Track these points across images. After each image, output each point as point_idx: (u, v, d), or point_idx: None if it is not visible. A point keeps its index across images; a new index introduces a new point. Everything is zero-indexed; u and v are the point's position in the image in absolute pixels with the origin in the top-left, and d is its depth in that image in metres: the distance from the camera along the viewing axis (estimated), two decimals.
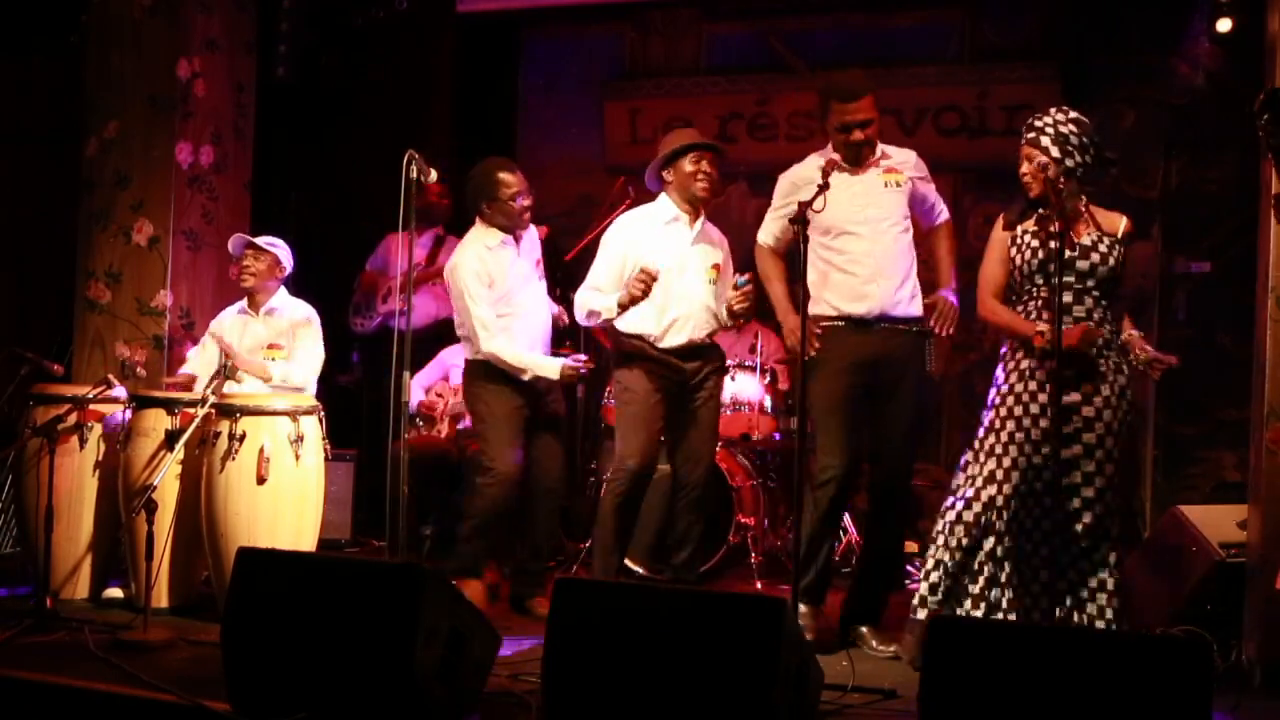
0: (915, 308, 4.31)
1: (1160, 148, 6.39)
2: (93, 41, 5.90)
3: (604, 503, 4.66)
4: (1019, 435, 3.91)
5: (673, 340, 4.57)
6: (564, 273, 5.76)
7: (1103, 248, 3.91)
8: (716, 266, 4.64)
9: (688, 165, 4.56)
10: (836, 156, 4.30)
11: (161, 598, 4.56)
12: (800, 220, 3.86)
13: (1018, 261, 3.99)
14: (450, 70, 7.34)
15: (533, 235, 5.03)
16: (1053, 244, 3.79)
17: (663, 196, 4.68)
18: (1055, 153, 3.89)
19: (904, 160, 4.42)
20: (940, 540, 3.99)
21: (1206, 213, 6.29)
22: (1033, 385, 3.92)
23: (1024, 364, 3.96)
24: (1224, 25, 6.07)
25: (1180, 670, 2.70)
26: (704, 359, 4.63)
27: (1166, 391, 6.24)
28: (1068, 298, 3.87)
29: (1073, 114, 3.95)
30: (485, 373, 4.82)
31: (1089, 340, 3.85)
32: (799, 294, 3.99)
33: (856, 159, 4.30)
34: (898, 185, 4.34)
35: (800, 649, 3.09)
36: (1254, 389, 4.04)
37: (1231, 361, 5.47)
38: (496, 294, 4.78)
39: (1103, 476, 3.87)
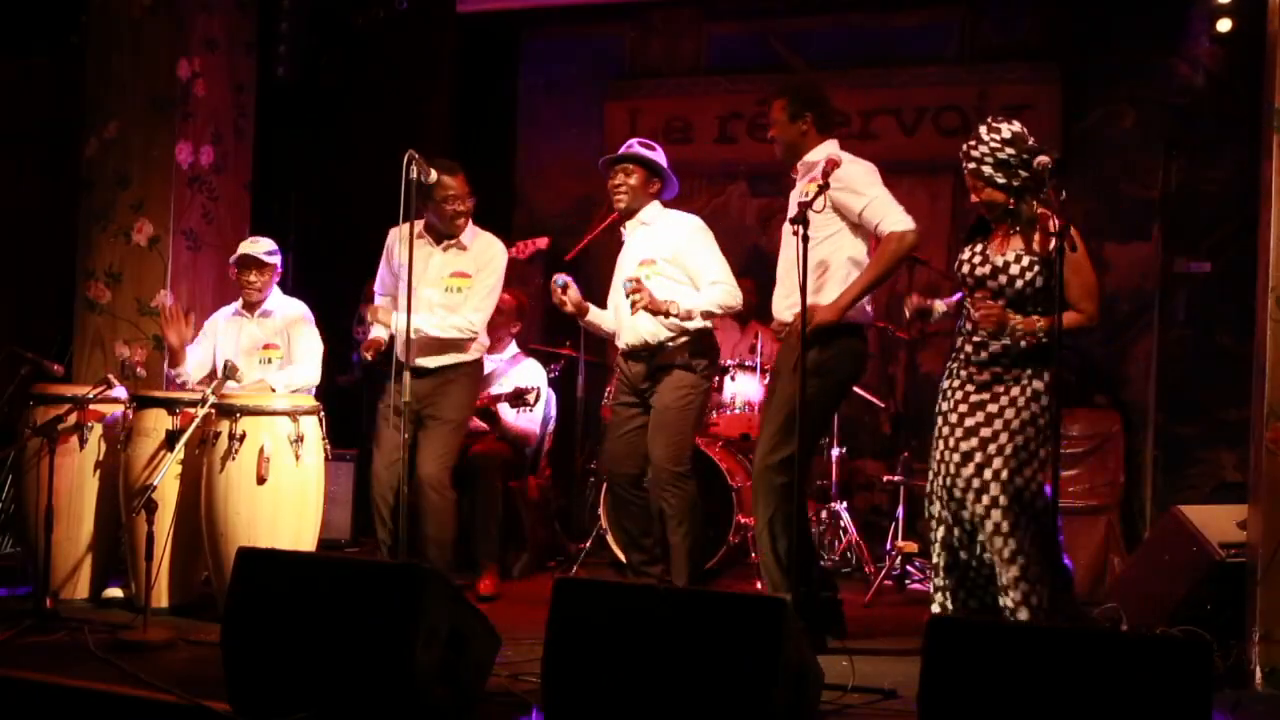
0: (787, 317, 4.29)
1: (1160, 148, 6.39)
2: (93, 41, 5.91)
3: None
4: (945, 430, 3.99)
5: (622, 343, 4.77)
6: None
7: (1015, 269, 3.88)
8: (646, 261, 4.64)
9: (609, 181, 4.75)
10: (838, 158, 4.24)
11: (161, 598, 4.56)
12: (801, 220, 3.87)
13: (959, 278, 4.07)
14: (450, 70, 7.34)
15: (480, 249, 4.93)
16: (1052, 243, 3.79)
17: None
18: (1000, 180, 3.88)
19: (816, 164, 4.24)
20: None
21: (1206, 213, 6.29)
22: (944, 383, 4.06)
23: (956, 369, 4.05)
24: (1224, 25, 6.07)
25: (1180, 670, 2.70)
26: (647, 362, 4.67)
27: (1166, 391, 6.25)
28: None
29: (1005, 130, 3.88)
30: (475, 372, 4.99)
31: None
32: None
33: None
34: (807, 192, 4.20)
35: (800, 649, 3.09)
36: (1254, 389, 4.04)
37: (1231, 361, 5.47)
38: (390, 269, 4.90)
39: (991, 469, 3.85)
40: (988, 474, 3.85)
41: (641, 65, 7.58)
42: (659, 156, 4.72)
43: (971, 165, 3.92)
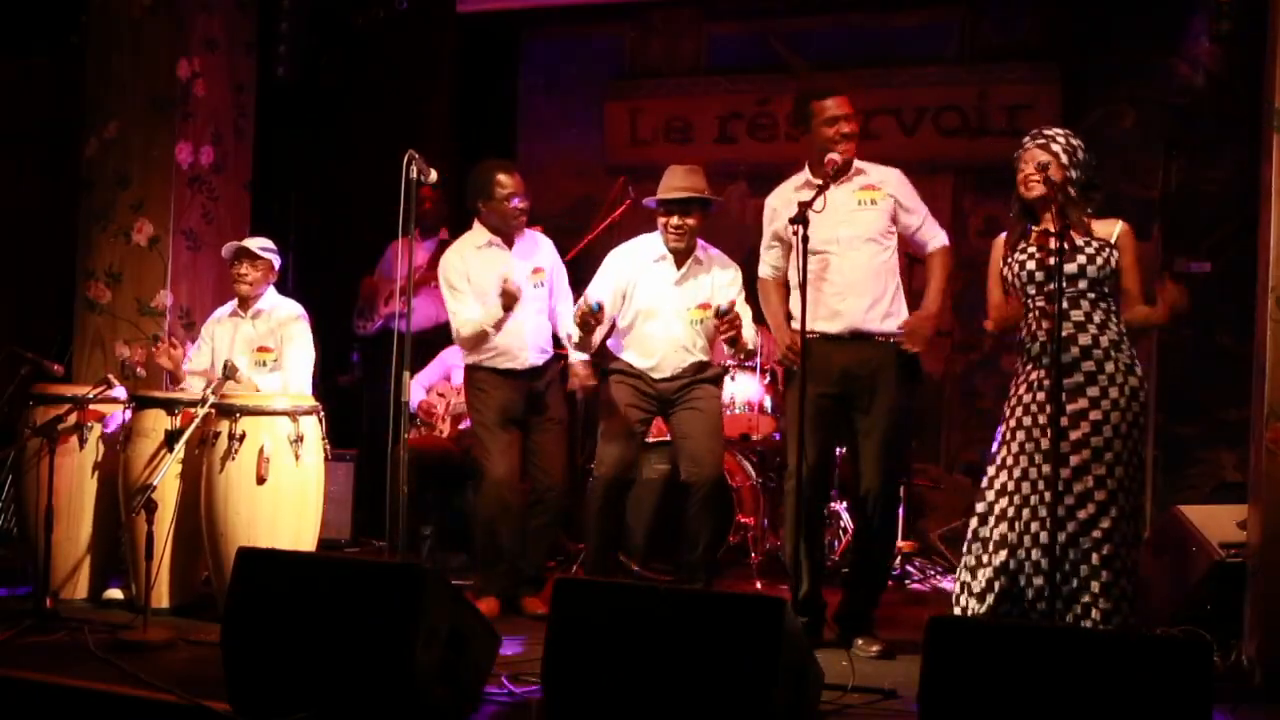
0: (890, 325, 4.31)
1: (1160, 148, 6.38)
2: (93, 41, 5.90)
3: (587, 509, 4.77)
4: (1029, 445, 3.87)
5: (652, 373, 4.71)
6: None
7: (1090, 249, 3.89)
8: (703, 306, 4.66)
9: (661, 218, 4.67)
10: (838, 158, 4.26)
11: (161, 598, 4.56)
12: (801, 220, 3.88)
13: (1009, 278, 4.02)
14: (450, 70, 7.34)
15: (537, 242, 5.03)
16: (1052, 243, 3.78)
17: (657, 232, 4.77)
18: (1064, 159, 3.89)
19: (883, 179, 4.39)
20: (964, 559, 3.99)
21: (1206, 213, 6.28)
22: (1040, 395, 3.88)
23: (1033, 375, 3.94)
24: (1224, 25, 6.07)
25: (1180, 670, 2.70)
26: (685, 377, 4.69)
27: (1166, 391, 6.24)
28: (1063, 304, 3.85)
29: (1076, 138, 3.96)
30: (474, 379, 4.90)
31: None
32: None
33: (838, 168, 4.28)
34: (873, 202, 4.32)
35: (800, 649, 3.09)
36: (1254, 389, 4.04)
37: (1231, 361, 5.46)
38: (478, 294, 4.81)
39: (1114, 479, 3.79)
40: (1111, 484, 3.78)
41: (641, 65, 7.58)
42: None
43: (1041, 140, 3.92)
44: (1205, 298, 6.25)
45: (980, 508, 3.95)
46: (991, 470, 3.96)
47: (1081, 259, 3.86)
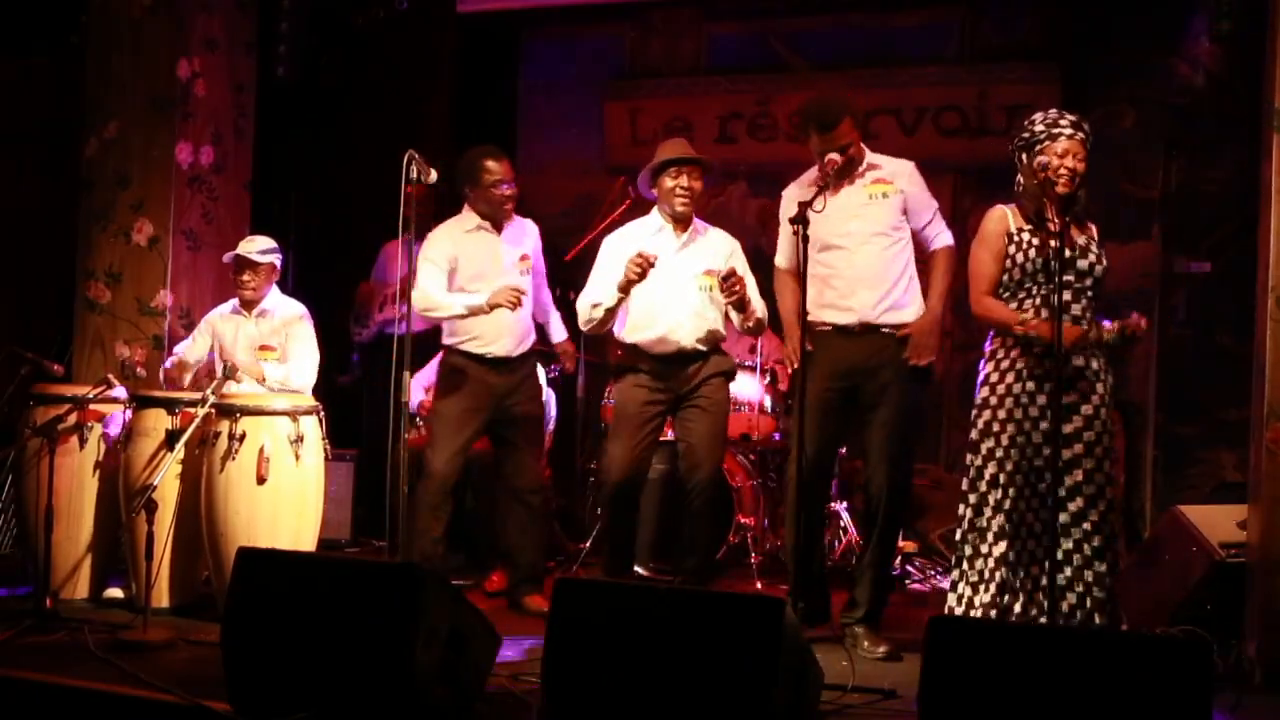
0: (906, 315, 4.31)
1: (1160, 148, 6.40)
2: (93, 41, 5.90)
3: (602, 515, 4.73)
4: (1020, 439, 3.89)
5: (663, 348, 4.59)
6: (564, 273, 5.77)
7: (1094, 249, 3.93)
8: (710, 272, 4.59)
9: (667, 181, 4.60)
10: (838, 158, 4.29)
11: (162, 598, 4.56)
12: (801, 220, 3.89)
13: (1019, 259, 3.94)
14: (450, 70, 7.34)
15: (525, 229, 5.05)
16: (1053, 243, 3.79)
17: (655, 208, 4.74)
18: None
19: (896, 171, 4.41)
20: (958, 549, 4.01)
21: (1206, 213, 6.29)
22: (1030, 385, 3.89)
23: (1019, 364, 3.93)
24: (1224, 25, 6.07)
25: (1180, 670, 2.70)
26: (698, 366, 4.61)
27: (1166, 391, 6.25)
28: (1067, 296, 3.86)
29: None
30: (447, 364, 4.91)
31: (1079, 345, 3.85)
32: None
33: (838, 168, 4.30)
34: (884, 196, 4.34)
35: (800, 649, 3.09)
36: (1254, 389, 4.04)
37: (1231, 361, 5.47)
38: (465, 277, 4.82)
39: (1102, 473, 3.87)
40: (1099, 478, 3.84)
41: (641, 65, 7.58)
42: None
43: (1082, 135, 3.90)
44: (1205, 298, 6.28)
45: (972, 498, 3.97)
46: (978, 460, 3.96)
47: (1091, 258, 3.89)
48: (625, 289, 4.46)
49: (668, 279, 4.56)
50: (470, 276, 4.82)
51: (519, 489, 4.92)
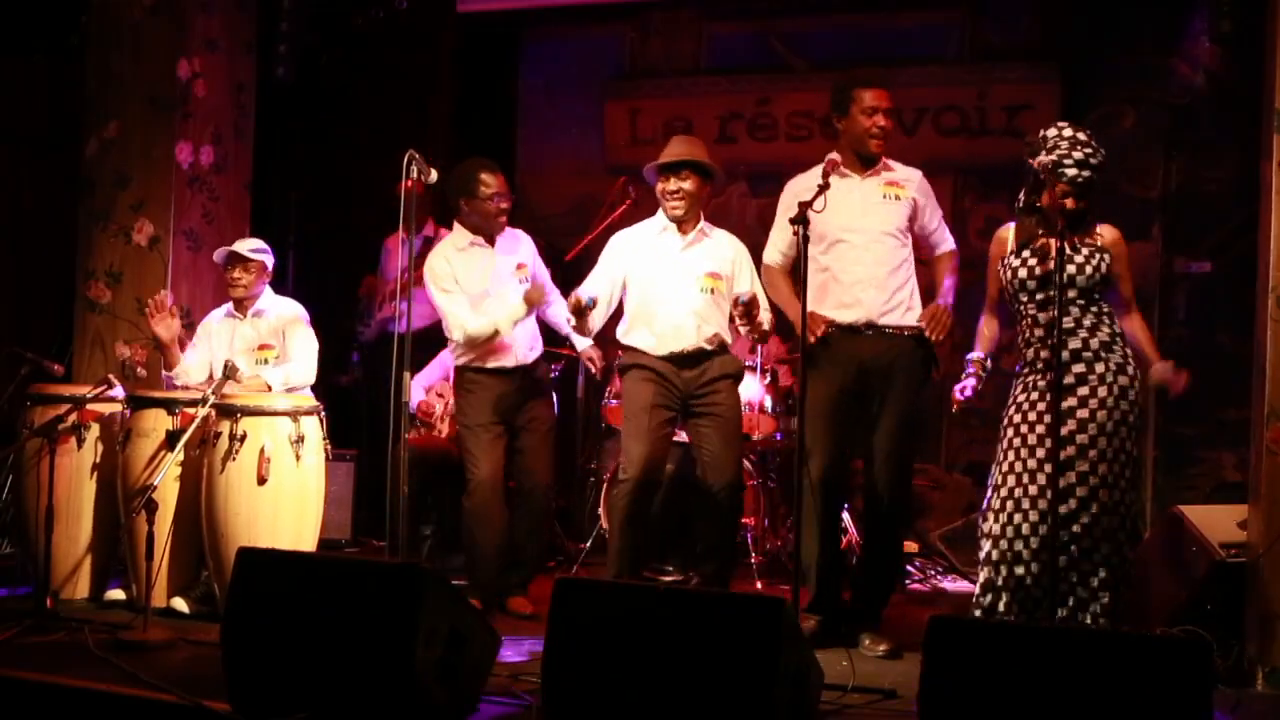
0: (909, 318, 4.31)
1: (1160, 148, 6.40)
2: (93, 42, 5.90)
3: (613, 515, 4.64)
4: (1016, 440, 3.95)
5: (665, 349, 4.54)
6: (563, 274, 5.76)
7: (1080, 257, 3.92)
8: (713, 274, 4.57)
9: (660, 185, 4.58)
10: (838, 158, 4.31)
11: (162, 598, 4.56)
12: (801, 220, 3.88)
13: (1004, 283, 4.06)
14: (450, 70, 7.35)
15: (517, 238, 5.04)
16: (1054, 244, 3.81)
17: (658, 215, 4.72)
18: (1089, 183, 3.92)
19: (908, 177, 4.42)
20: (981, 557, 4.03)
21: (1206, 213, 6.29)
22: (1034, 395, 3.96)
23: (1028, 378, 4.00)
24: (1224, 25, 6.07)
25: (1180, 670, 2.70)
26: (703, 366, 4.55)
27: (1167, 391, 6.24)
28: (1053, 311, 3.87)
29: (1084, 133, 3.97)
30: (464, 380, 4.89)
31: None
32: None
33: (868, 157, 4.30)
34: (897, 198, 4.34)
35: (800, 649, 3.09)
36: (1254, 389, 4.04)
37: (1231, 361, 5.46)
38: (467, 296, 4.81)
39: (1096, 476, 3.86)
40: (1093, 480, 3.85)
41: (641, 65, 7.58)
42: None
43: (1099, 160, 3.91)
44: (1205, 298, 6.28)
45: (991, 514, 4.01)
46: (996, 474, 4.02)
47: (1072, 268, 3.89)
48: (575, 321, 4.54)
49: (669, 279, 4.55)
50: (472, 295, 4.82)
51: (527, 490, 4.93)
